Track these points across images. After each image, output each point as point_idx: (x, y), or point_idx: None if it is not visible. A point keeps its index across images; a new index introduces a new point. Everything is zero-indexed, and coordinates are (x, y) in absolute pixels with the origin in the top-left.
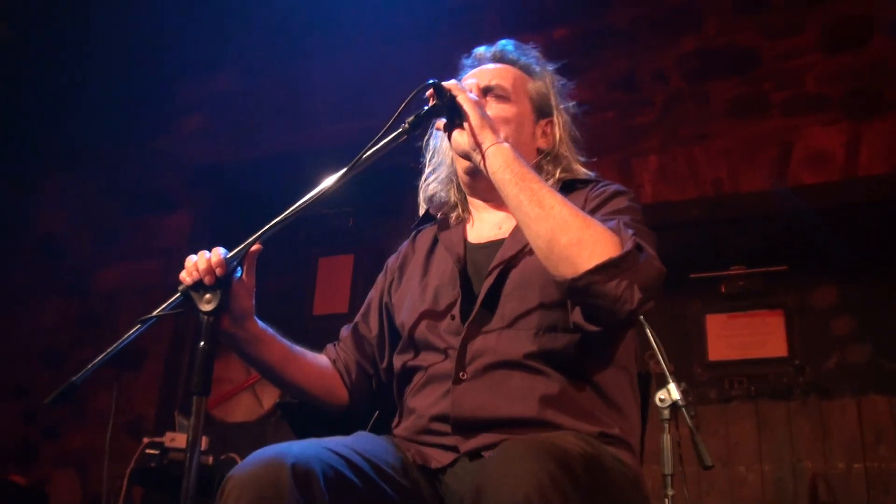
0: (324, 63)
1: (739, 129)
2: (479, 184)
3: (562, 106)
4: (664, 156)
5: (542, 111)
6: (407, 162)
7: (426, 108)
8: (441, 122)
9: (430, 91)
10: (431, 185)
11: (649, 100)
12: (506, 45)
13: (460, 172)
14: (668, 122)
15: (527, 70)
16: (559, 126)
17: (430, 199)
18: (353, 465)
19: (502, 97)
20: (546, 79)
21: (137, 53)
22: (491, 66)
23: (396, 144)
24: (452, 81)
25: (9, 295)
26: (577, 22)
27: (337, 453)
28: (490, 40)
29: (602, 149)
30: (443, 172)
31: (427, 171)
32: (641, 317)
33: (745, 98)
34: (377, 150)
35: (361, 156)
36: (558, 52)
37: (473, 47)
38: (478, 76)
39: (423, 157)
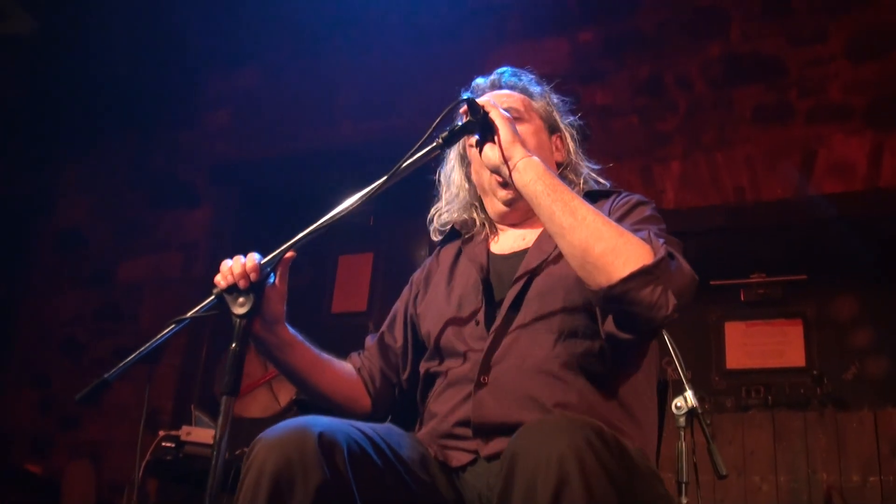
0: (349, 62)
1: (763, 136)
2: (513, 215)
3: (566, 120)
4: (687, 162)
5: (551, 127)
6: (428, 163)
7: (460, 123)
8: (474, 137)
9: (464, 107)
10: (446, 214)
11: (673, 105)
12: (502, 71)
13: (496, 205)
14: (692, 127)
15: (527, 91)
16: (569, 139)
17: (444, 225)
18: (377, 447)
19: (517, 118)
20: (546, 97)
21: (162, 46)
22: (496, 91)
23: (431, 157)
24: (486, 97)
25: (31, 285)
26: (602, 25)
27: (363, 432)
28: (513, 41)
29: (625, 153)
30: (458, 202)
31: (442, 202)
32: None
33: (769, 105)
34: (415, 160)
35: (400, 165)
36: (583, 55)
37: (495, 48)
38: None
39: (437, 182)
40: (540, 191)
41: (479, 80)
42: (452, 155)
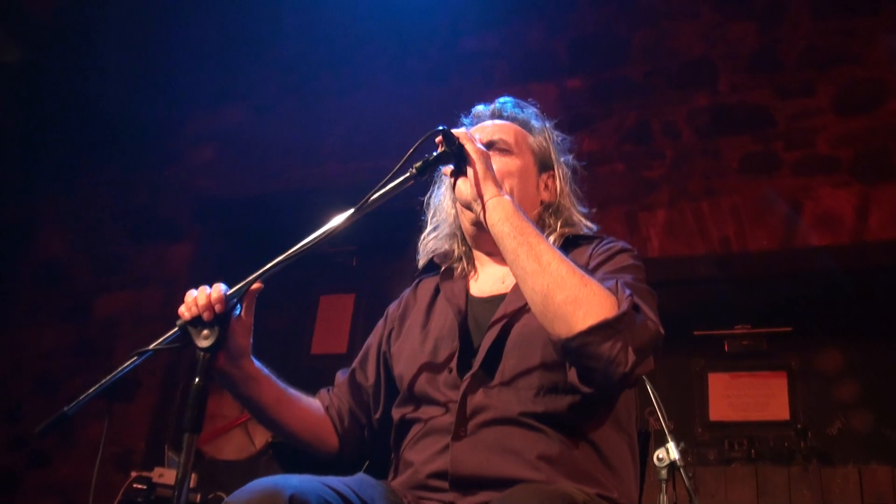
0: (336, 101)
1: (749, 186)
2: (483, 237)
3: (562, 159)
4: (672, 210)
5: (543, 164)
6: (413, 204)
7: (435, 153)
8: (448, 168)
9: (440, 137)
10: (432, 241)
11: (660, 153)
12: (505, 101)
13: (465, 223)
14: (678, 176)
15: (526, 125)
16: (560, 179)
17: (428, 254)
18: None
19: (505, 151)
20: (545, 133)
21: (149, 80)
22: (491, 122)
23: (404, 188)
24: (462, 129)
25: (7, 317)
26: (590, 72)
27: (335, 491)
28: (502, 87)
29: (610, 200)
30: (445, 229)
31: (428, 228)
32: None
33: (756, 156)
34: (384, 192)
35: (368, 198)
36: (570, 102)
37: (485, 92)
38: (479, 132)
39: (425, 214)
40: (506, 232)
41: (480, 108)
42: (443, 182)
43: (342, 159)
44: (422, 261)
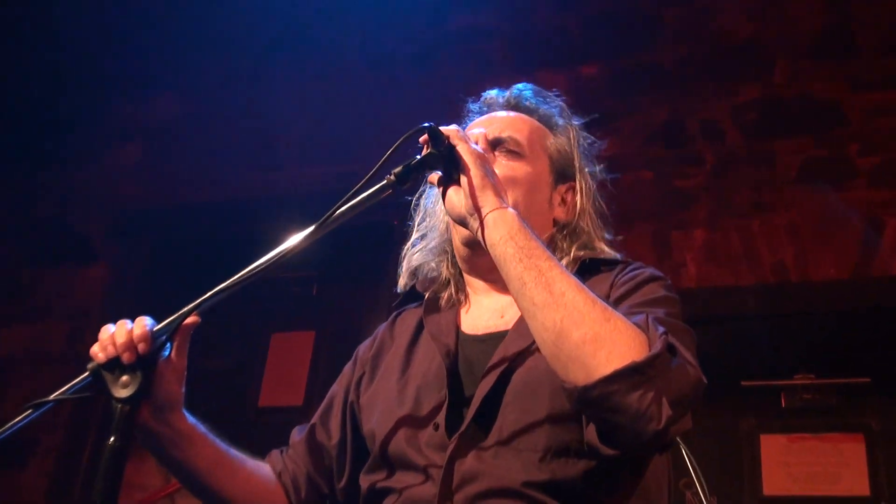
0: (296, 92)
1: (812, 200)
2: (480, 259)
3: (587, 169)
4: (714, 230)
5: (562, 174)
6: (390, 218)
7: (418, 156)
8: (435, 175)
9: (425, 136)
10: (418, 254)
11: (698, 158)
12: (523, 89)
13: (457, 242)
14: (721, 187)
15: (547, 122)
16: (582, 194)
17: (414, 273)
18: None
19: (515, 153)
20: (570, 134)
21: (59, 65)
22: (503, 113)
23: (379, 199)
24: (453, 127)
25: None
26: (610, 57)
27: None
28: (500, 73)
29: (635, 216)
30: (434, 240)
31: (414, 236)
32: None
33: (822, 162)
34: (355, 204)
35: (334, 212)
36: (585, 93)
37: (479, 80)
38: (487, 125)
39: (412, 218)
40: (510, 254)
41: (493, 93)
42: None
43: (301, 162)
44: (402, 280)
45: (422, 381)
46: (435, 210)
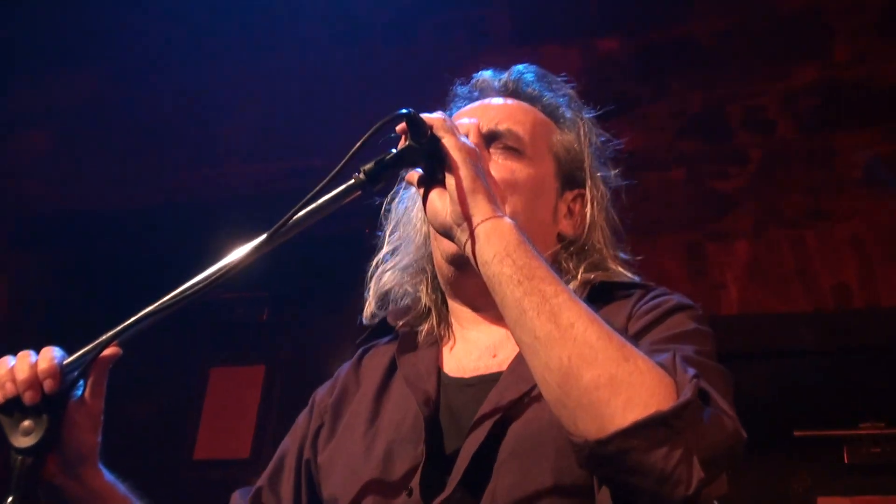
0: (241, 72)
1: (881, 207)
2: (468, 281)
3: (600, 174)
4: (759, 242)
5: (569, 179)
6: (358, 226)
7: (394, 150)
8: (414, 174)
9: (403, 125)
10: (389, 274)
11: (741, 154)
12: (525, 71)
13: (439, 259)
14: (769, 190)
15: (553, 113)
16: (593, 204)
17: (384, 298)
18: None
19: (514, 150)
20: (580, 130)
21: None
22: (500, 101)
23: (345, 202)
24: (439, 114)
25: None
26: (633, 31)
27: None
28: (498, 48)
29: (662, 225)
30: (408, 256)
31: (384, 250)
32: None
33: (894, 160)
34: (315, 209)
35: (290, 217)
36: (603, 75)
37: (472, 56)
38: (480, 114)
39: (382, 227)
40: (506, 275)
41: (486, 75)
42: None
43: (250, 156)
44: (368, 308)
45: (394, 434)
46: (410, 217)
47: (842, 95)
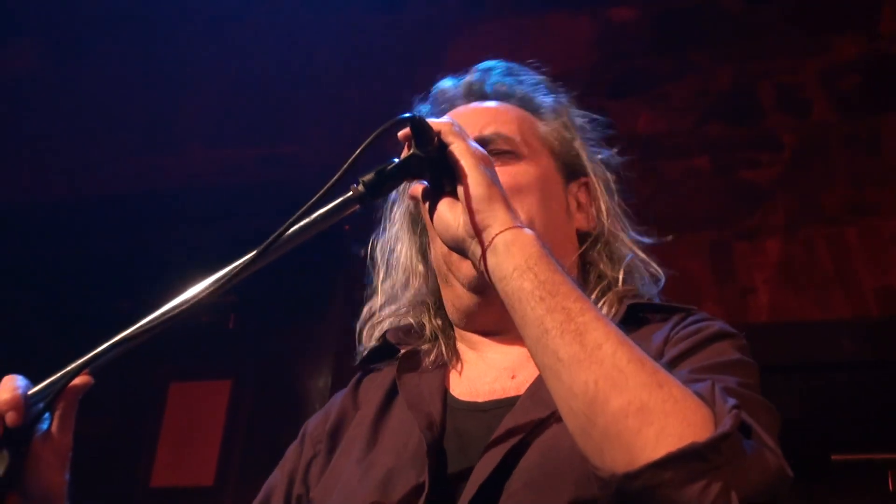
0: (203, 44)
1: None
2: (490, 308)
3: (598, 157)
4: (794, 240)
5: (569, 168)
6: (338, 222)
7: (396, 160)
8: (419, 186)
9: (406, 130)
10: (388, 322)
11: (773, 140)
12: (487, 70)
13: (459, 289)
14: (805, 181)
15: (531, 105)
16: (601, 189)
17: (377, 339)
18: None
19: (509, 153)
20: (563, 116)
21: None
22: (476, 105)
23: (342, 217)
24: (447, 119)
25: None
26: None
27: None
28: (496, 17)
29: (684, 221)
30: (407, 296)
31: (379, 301)
32: None
33: None
34: (308, 224)
35: (282, 234)
36: (617, 48)
37: (468, 26)
38: (460, 123)
39: (370, 265)
40: (527, 291)
41: (446, 84)
42: (397, 214)
43: (213, 141)
44: (363, 347)
45: (394, 461)
46: (402, 257)
47: (889, 72)
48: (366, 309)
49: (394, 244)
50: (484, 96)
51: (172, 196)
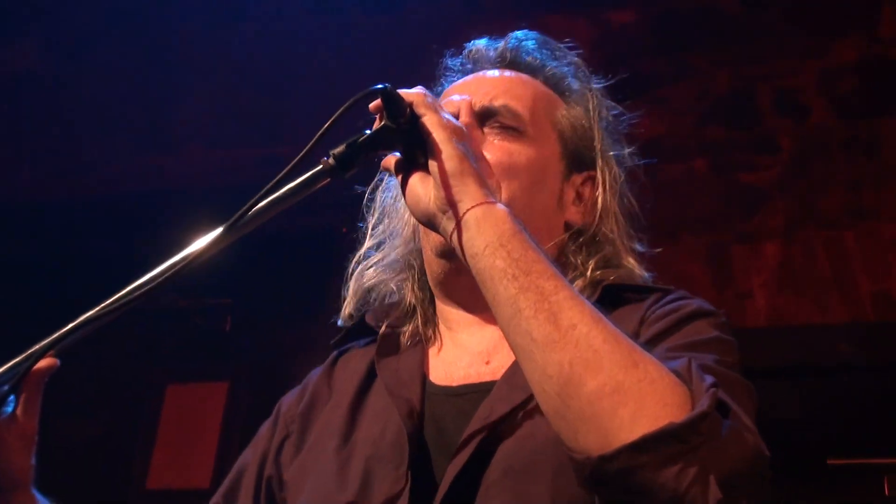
0: (201, 44)
1: None
2: (460, 278)
3: (612, 153)
4: (792, 244)
5: (577, 159)
6: (335, 224)
7: (368, 131)
8: (392, 157)
9: (377, 102)
10: (372, 270)
11: (771, 143)
12: (524, 38)
13: (428, 254)
14: (803, 183)
15: (558, 85)
16: (605, 187)
17: (364, 297)
18: None
19: (512, 129)
20: (589, 104)
21: None
22: (496, 73)
23: (313, 191)
24: (419, 89)
25: None
26: (650, 1)
27: None
28: (495, 18)
29: (682, 223)
30: (395, 250)
31: (367, 245)
32: None
33: None
34: (279, 198)
35: (250, 207)
36: (617, 51)
37: (464, 26)
38: (473, 89)
39: (364, 219)
40: (499, 269)
41: (480, 44)
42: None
43: (212, 142)
44: (347, 308)
45: (372, 450)
46: (397, 207)
47: (888, 76)
48: (356, 257)
49: (394, 190)
50: (513, 65)
51: (172, 196)
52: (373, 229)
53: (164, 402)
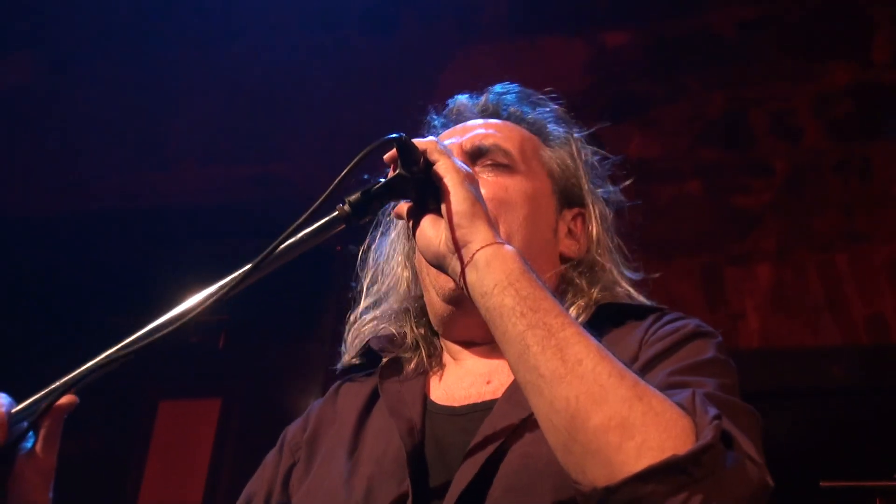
0: (196, 62)
1: None
2: (465, 320)
3: (600, 191)
4: (784, 266)
5: (566, 197)
6: (328, 241)
7: (383, 180)
8: (403, 205)
9: (393, 151)
10: (371, 326)
11: (764, 165)
12: (504, 92)
13: (433, 298)
14: (796, 207)
15: (541, 132)
16: (595, 220)
17: (364, 343)
18: None
19: (503, 166)
20: (572, 146)
21: None
22: (482, 120)
23: (329, 236)
24: (431, 139)
25: None
26: (646, 21)
27: None
28: (491, 41)
29: (675, 246)
30: (392, 308)
31: (364, 304)
32: None
33: None
34: (295, 243)
35: (271, 252)
36: (611, 72)
37: (461, 50)
38: (461, 133)
39: (357, 278)
40: (508, 307)
41: (461, 100)
42: (392, 219)
43: (205, 159)
44: (347, 357)
45: (375, 468)
46: (391, 267)
47: (881, 99)
48: (352, 315)
49: (387, 250)
50: (495, 115)
51: (164, 213)
52: (368, 288)
53: (157, 419)
